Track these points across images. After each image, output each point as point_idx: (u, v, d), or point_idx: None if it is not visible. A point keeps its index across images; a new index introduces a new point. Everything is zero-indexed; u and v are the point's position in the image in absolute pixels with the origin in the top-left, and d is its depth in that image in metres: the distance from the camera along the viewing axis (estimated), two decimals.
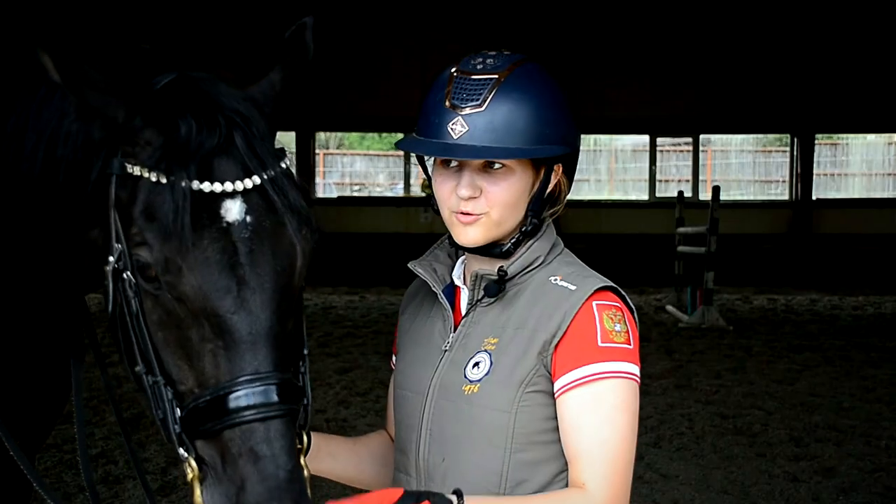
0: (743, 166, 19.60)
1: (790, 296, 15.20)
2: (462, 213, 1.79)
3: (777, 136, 19.23)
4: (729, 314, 12.64)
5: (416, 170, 18.72)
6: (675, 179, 18.66)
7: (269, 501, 1.46)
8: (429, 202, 1.92)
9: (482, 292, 1.87)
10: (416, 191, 18.68)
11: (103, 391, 2.12)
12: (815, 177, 17.97)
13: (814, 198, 17.87)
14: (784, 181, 18.69)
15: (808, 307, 13.95)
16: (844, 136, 19.15)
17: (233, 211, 1.54)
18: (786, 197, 18.45)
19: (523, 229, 1.85)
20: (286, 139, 19.94)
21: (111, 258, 1.56)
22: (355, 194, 19.80)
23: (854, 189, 19.20)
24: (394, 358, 2.10)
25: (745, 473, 5.86)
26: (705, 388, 8.17)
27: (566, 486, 1.81)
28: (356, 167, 20.90)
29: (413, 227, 17.23)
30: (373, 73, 16.77)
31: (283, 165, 1.63)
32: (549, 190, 1.87)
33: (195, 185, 1.52)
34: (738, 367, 9.12)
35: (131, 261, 1.54)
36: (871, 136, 19.14)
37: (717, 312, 11.89)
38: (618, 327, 1.78)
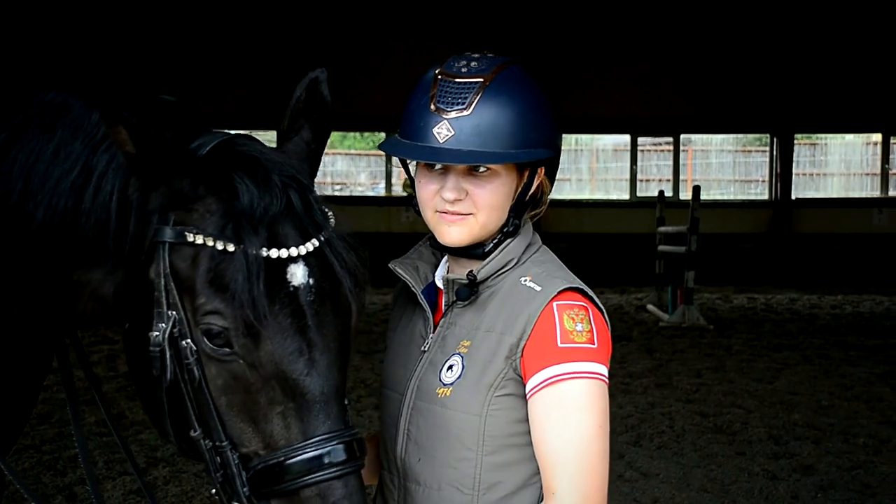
0: (723, 166, 19.69)
1: (770, 295, 15.29)
2: (447, 211, 1.79)
3: (757, 135, 19.33)
4: (709, 313, 12.70)
5: (397, 170, 18.71)
6: (655, 179, 18.73)
7: None
8: (410, 202, 1.91)
9: (455, 296, 1.87)
10: (398, 190, 18.66)
11: (82, 391, 2.09)
12: (794, 176, 18.08)
13: (793, 197, 17.98)
14: (764, 181, 18.79)
15: (788, 306, 14.04)
16: (823, 135, 19.28)
17: (297, 275, 1.58)
18: (765, 196, 18.56)
19: (505, 230, 1.85)
20: (267, 138, 19.86)
21: (162, 325, 1.56)
22: (337, 194, 19.76)
23: (833, 189, 19.33)
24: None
25: (724, 471, 5.89)
26: (685, 386, 8.21)
27: (540, 487, 1.81)
28: (337, 166, 20.85)
29: (395, 226, 17.21)
30: (355, 73, 16.73)
31: (334, 225, 1.66)
32: (531, 192, 1.87)
33: (264, 252, 1.54)
34: (718, 366, 9.17)
35: (194, 329, 1.56)
36: (849, 136, 19.27)
37: (698, 311, 11.95)
38: (579, 327, 1.76)
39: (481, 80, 1.77)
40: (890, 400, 7.78)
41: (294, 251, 1.57)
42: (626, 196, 18.43)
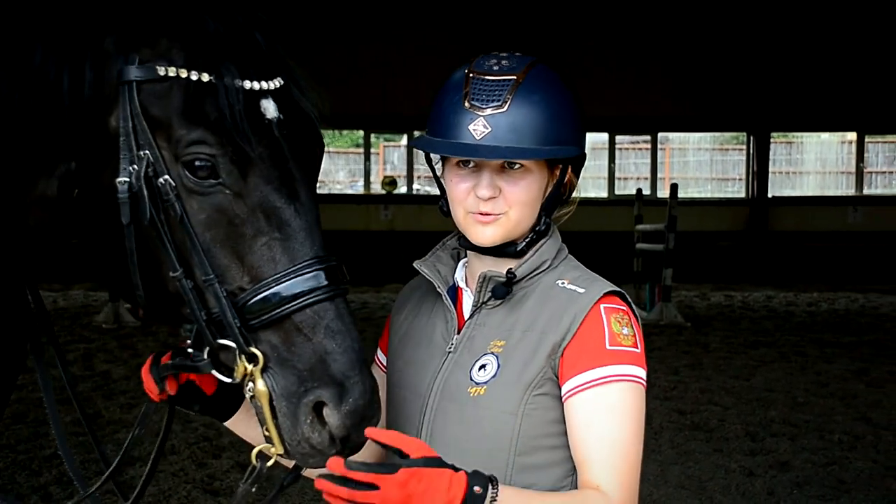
0: (700, 164, 19.83)
1: (747, 292, 15.39)
2: (481, 213, 1.79)
3: (734, 134, 19.48)
4: (687, 311, 12.76)
5: (375, 167, 18.70)
6: (633, 177, 18.82)
7: (352, 370, 1.54)
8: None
9: (489, 294, 1.85)
10: (377, 188, 18.63)
11: (58, 390, 2.07)
12: (770, 174, 18.21)
13: (769, 195, 18.11)
14: (741, 179, 18.93)
15: (764, 304, 14.14)
16: (799, 134, 19.45)
17: (270, 109, 1.59)
18: (742, 195, 18.68)
19: (537, 229, 1.86)
20: None
21: (133, 168, 1.54)
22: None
23: (808, 187, 19.49)
24: (379, 354, 2.07)
25: (701, 468, 5.92)
26: (663, 384, 8.24)
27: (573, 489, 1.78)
28: None
29: (373, 224, 17.19)
30: (334, 70, 16.68)
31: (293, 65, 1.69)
32: (561, 189, 1.89)
33: (239, 82, 1.56)
34: (696, 364, 9.22)
35: (172, 165, 1.54)
36: (825, 135, 19.45)
37: (675, 309, 12.00)
38: (625, 331, 1.78)
39: (514, 77, 1.78)
40: (864, 396, 7.86)
41: (265, 85, 1.59)
42: (604, 194, 18.50)
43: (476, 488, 1.53)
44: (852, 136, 18.84)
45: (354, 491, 1.46)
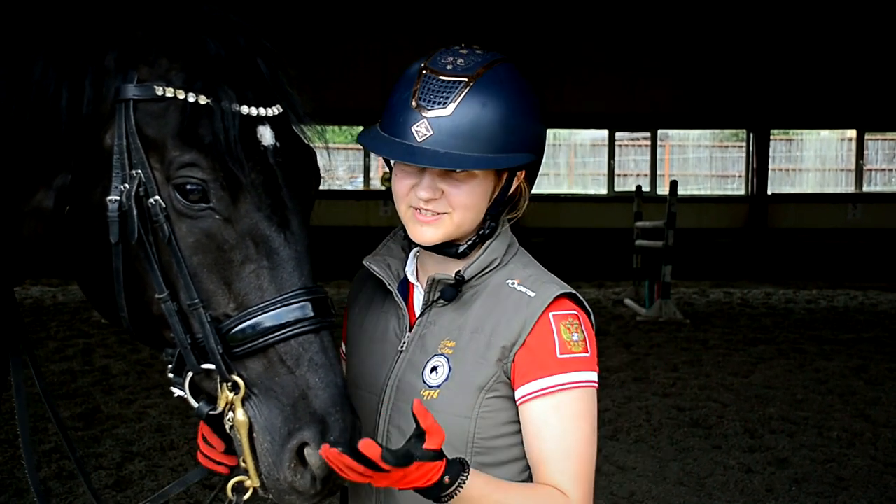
0: (700, 161, 19.80)
1: (746, 289, 15.39)
2: (422, 210, 1.77)
3: (733, 131, 19.44)
4: (686, 308, 12.77)
5: (375, 163, 18.67)
6: (633, 174, 18.80)
7: (333, 406, 1.52)
8: (391, 197, 1.90)
9: (438, 294, 1.85)
10: (376, 184, 18.61)
11: (57, 385, 2.05)
12: (770, 172, 18.20)
13: (769, 192, 18.10)
14: (740, 176, 18.91)
15: (764, 300, 14.14)
16: (799, 131, 19.42)
17: (266, 135, 1.57)
18: (742, 192, 18.67)
19: (480, 232, 1.83)
20: None
21: (124, 186, 1.52)
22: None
23: (808, 184, 19.48)
24: (343, 346, 2.07)
25: (700, 465, 5.93)
26: (662, 380, 8.24)
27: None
28: None
29: (373, 220, 17.18)
30: (333, 65, 16.66)
31: (296, 94, 1.67)
32: (508, 195, 1.85)
33: (236, 107, 1.53)
34: (695, 360, 9.22)
35: (163, 186, 1.52)
36: (824, 132, 19.43)
37: (675, 306, 12.01)
38: (575, 336, 1.79)
39: (466, 79, 1.72)
40: (863, 394, 7.86)
41: (263, 111, 1.56)
42: (603, 191, 18.49)
43: (445, 478, 1.57)
44: (852, 133, 18.83)
45: (370, 470, 1.48)
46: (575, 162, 19.44)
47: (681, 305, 12.64)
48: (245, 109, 1.54)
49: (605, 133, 18.48)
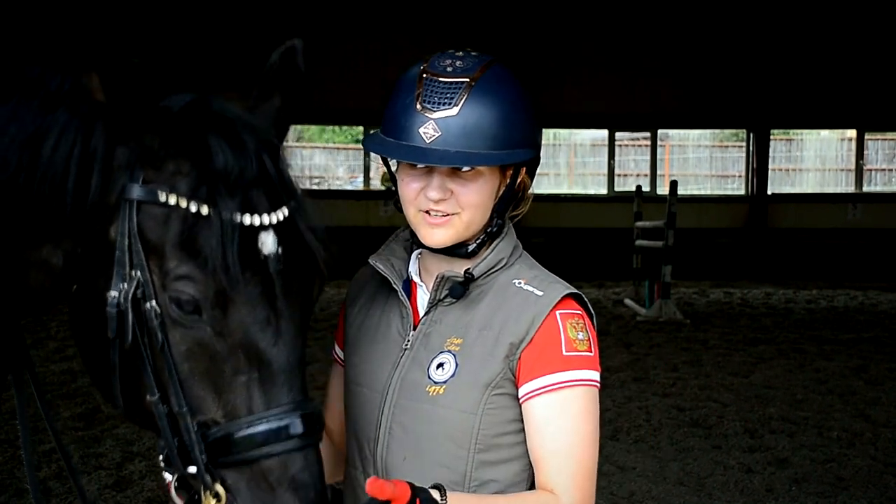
0: (700, 161, 19.81)
1: (746, 289, 15.39)
2: (431, 212, 1.79)
3: (733, 131, 19.45)
4: (686, 308, 12.77)
5: (375, 164, 18.66)
6: (633, 174, 18.80)
7: None
8: (390, 197, 1.91)
9: (446, 292, 1.86)
10: (376, 184, 18.62)
11: (56, 385, 2.05)
12: (770, 171, 18.20)
13: (769, 192, 18.10)
14: (740, 176, 18.91)
15: (764, 300, 14.14)
16: (799, 131, 19.43)
17: (268, 243, 1.54)
18: (742, 192, 18.67)
19: (489, 230, 1.86)
20: None
21: (123, 285, 1.52)
22: (315, 187, 19.69)
23: (808, 184, 19.49)
24: (336, 349, 2.08)
25: (700, 465, 5.93)
26: (662, 380, 8.25)
27: (531, 483, 1.83)
28: (316, 160, 20.79)
29: (373, 220, 17.18)
30: (334, 66, 16.67)
31: (302, 193, 1.62)
32: (514, 191, 1.88)
33: (237, 217, 1.50)
34: (695, 360, 9.22)
35: (160, 292, 1.51)
36: (824, 132, 19.43)
37: (675, 306, 12.01)
38: (580, 336, 1.81)
39: (467, 79, 1.75)
40: (863, 393, 7.86)
41: (267, 219, 1.54)
42: (603, 191, 18.49)
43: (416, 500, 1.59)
44: (852, 133, 18.83)
45: None
46: (575, 162, 19.45)
47: (681, 305, 12.64)
48: (248, 219, 1.52)
49: (605, 133, 18.48)
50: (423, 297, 1.91)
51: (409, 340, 1.88)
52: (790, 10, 16.87)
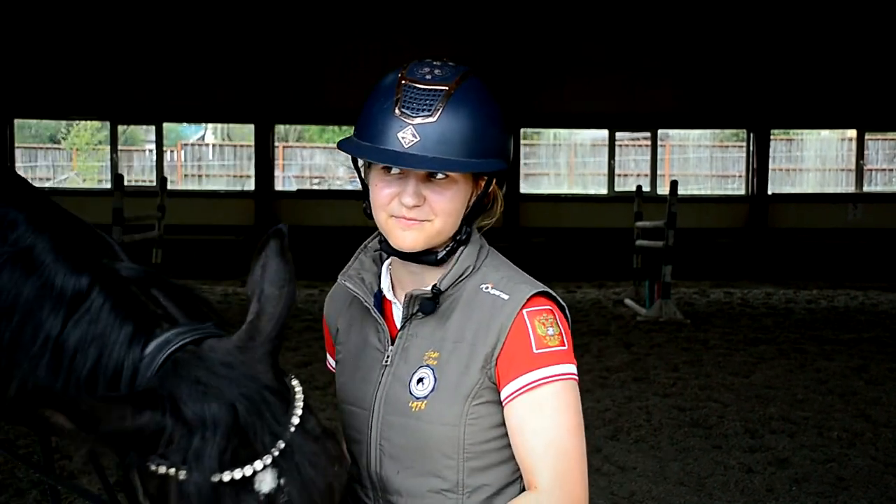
0: (700, 161, 19.83)
1: (746, 289, 15.38)
2: (405, 217, 1.80)
3: (733, 131, 19.45)
4: (686, 307, 12.76)
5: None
6: (633, 174, 18.81)
7: None
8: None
9: (416, 308, 1.88)
10: None
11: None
12: (770, 171, 18.19)
13: (769, 192, 18.10)
14: (741, 176, 18.91)
15: (764, 300, 14.13)
16: (799, 131, 19.43)
17: (266, 481, 1.50)
18: (742, 191, 18.67)
19: (457, 238, 1.87)
20: (245, 131, 19.78)
21: None
22: (315, 187, 19.69)
23: (808, 184, 19.49)
24: (329, 360, 2.10)
25: (701, 465, 5.93)
26: (663, 380, 8.24)
27: (523, 482, 1.84)
28: (316, 160, 20.81)
29: (372, 220, 17.17)
30: (334, 66, 16.68)
31: (301, 407, 1.56)
32: (484, 201, 1.90)
33: (227, 475, 1.47)
34: (695, 360, 9.22)
35: None
36: (825, 132, 19.44)
37: (675, 306, 12.00)
38: (550, 331, 1.81)
39: (446, 87, 1.78)
40: (864, 394, 7.86)
41: (259, 464, 1.49)
42: (604, 191, 18.49)
43: None
44: (852, 133, 18.83)
45: None
46: (575, 162, 19.45)
47: (681, 305, 12.63)
48: (238, 473, 1.48)
49: (605, 133, 18.48)
50: (398, 311, 1.93)
51: (388, 356, 1.89)
52: (790, 10, 16.87)
